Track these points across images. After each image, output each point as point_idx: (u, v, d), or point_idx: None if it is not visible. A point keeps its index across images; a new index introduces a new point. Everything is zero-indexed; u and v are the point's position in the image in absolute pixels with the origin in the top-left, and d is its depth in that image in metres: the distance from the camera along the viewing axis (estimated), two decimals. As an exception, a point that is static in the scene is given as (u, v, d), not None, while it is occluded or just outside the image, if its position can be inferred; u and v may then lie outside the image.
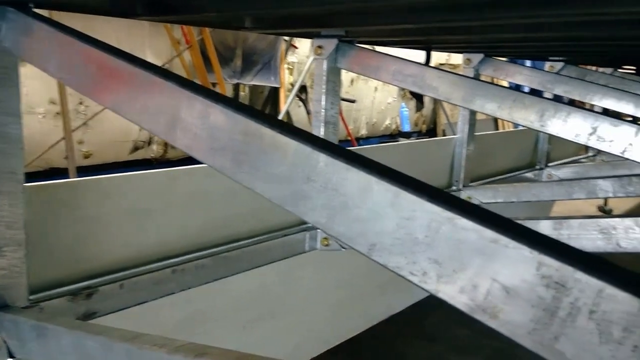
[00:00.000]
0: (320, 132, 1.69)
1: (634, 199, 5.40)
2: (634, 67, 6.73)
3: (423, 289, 0.47)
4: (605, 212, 4.57)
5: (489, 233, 0.44)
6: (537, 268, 0.41)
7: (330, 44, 1.62)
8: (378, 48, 1.97)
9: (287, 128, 0.57)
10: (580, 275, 0.39)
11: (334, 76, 1.67)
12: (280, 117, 4.02)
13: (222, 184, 1.36)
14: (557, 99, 3.24)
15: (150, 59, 3.72)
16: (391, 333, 2.41)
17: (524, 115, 1.34)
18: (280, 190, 0.58)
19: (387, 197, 0.50)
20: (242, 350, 0.69)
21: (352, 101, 4.42)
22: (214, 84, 3.73)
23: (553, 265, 0.40)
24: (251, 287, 1.57)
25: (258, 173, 0.60)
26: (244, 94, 4.24)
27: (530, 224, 1.34)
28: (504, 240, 0.43)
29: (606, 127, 1.23)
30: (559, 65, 2.91)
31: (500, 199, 2.37)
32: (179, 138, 0.66)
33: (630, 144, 1.20)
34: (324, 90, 1.67)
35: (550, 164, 3.29)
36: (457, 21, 1.31)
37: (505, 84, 6.43)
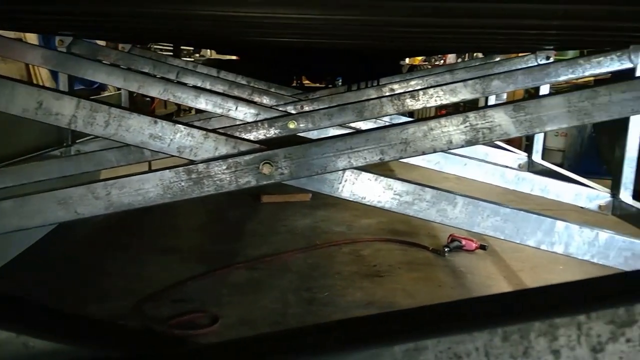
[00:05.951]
0: None
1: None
2: (172, 45, 7.35)
3: None
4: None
5: None
6: None
7: None
8: None
9: None
10: None
11: None
12: None
13: None
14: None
15: None
16: None
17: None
18: None
19: None
20: None
21: None
22: None
23: None
24: None
25: None
26: None
27: (36, 199, 1.25)
28: None
29: (51, 100, 1.27)
30: (68, 39, 2.89)
31: (10, 183, 2.22)
32: None
33: (75, 116, 1.28)
34: None
35: (79, 140, 3.29)
36: None
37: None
